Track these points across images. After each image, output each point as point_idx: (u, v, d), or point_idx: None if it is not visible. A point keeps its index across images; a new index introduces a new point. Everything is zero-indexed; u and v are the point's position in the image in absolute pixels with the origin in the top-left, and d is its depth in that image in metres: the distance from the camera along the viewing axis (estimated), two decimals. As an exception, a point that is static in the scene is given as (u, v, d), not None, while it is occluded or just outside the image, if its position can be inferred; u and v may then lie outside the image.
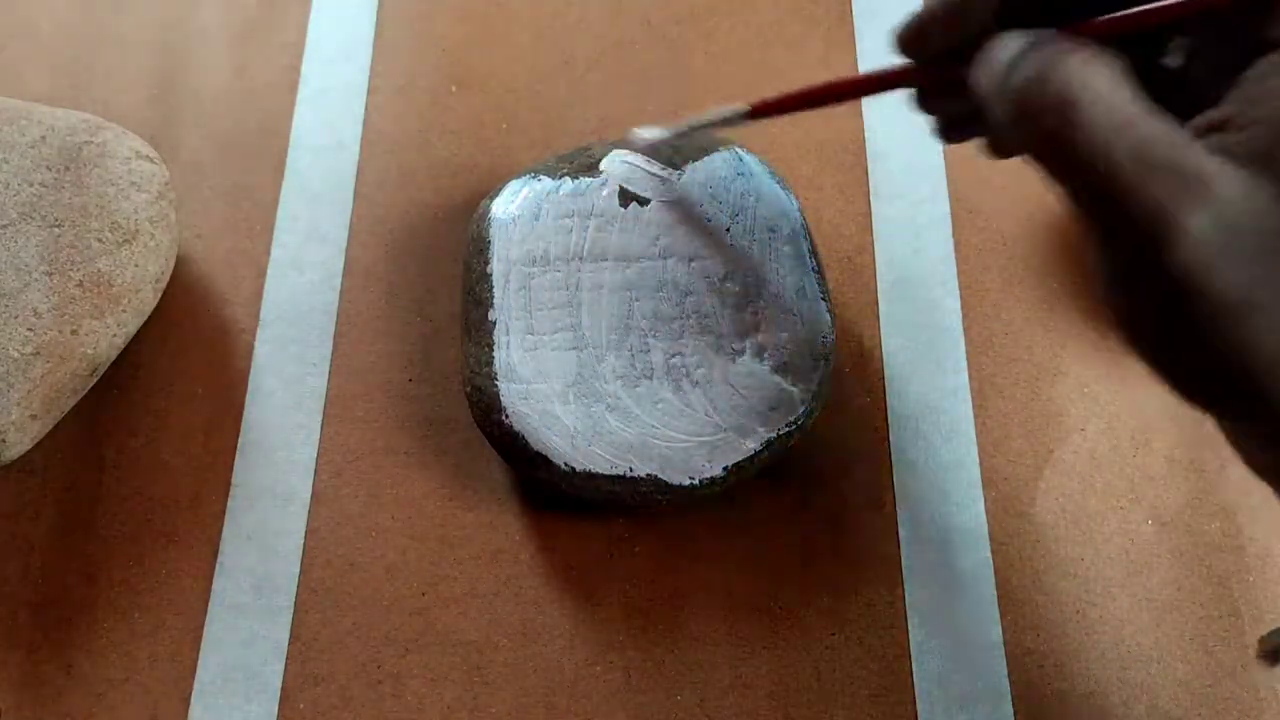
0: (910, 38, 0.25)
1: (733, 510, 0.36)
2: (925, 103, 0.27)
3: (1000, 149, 0.27)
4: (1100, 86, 0.20)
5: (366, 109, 0.42)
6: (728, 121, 0.31)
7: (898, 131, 0.41)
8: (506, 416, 0.33)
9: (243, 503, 0.36)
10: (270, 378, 0.38)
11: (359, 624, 0.35)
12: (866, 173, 0.41)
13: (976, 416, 0.37)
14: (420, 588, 0.35)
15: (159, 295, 0.37)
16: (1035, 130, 0.21)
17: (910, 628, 0.35)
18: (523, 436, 0.33)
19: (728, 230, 0.35)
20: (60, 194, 0.34)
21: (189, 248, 0.40)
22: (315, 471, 0.37)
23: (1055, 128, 0.20)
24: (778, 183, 0.36)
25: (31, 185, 0.34)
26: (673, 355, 0.33)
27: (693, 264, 0.34)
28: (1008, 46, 0.22)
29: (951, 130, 0.28)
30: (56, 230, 0.34)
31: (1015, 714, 0.34)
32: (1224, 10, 0.22)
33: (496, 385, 0.34)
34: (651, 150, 0.35)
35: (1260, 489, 0.36)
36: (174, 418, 0.37)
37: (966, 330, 0.38)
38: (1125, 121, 0.20)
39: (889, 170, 0.41)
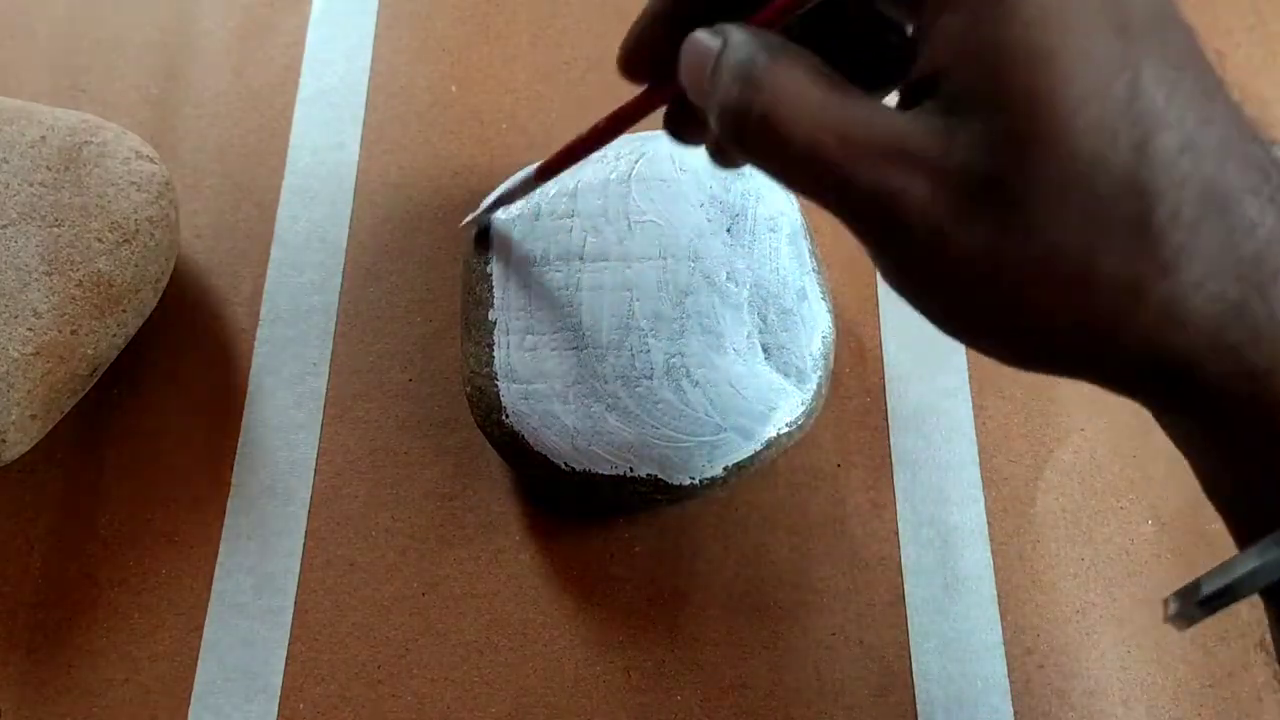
0: (629, 59, 0.25)
1: (733, 510, 0.36)
2: (678, 131, 0.26)
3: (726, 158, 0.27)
4: (794, 92, 0.20)
5: (366, 109, 0.42)
6: (526, 186, 0.32)
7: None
8: (506, 416, 0.33)
9: (243, 503, 0.36)
10: (270, 378, 0.38)
11: (359, 624, 0.35)
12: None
13: (976, 416, 0.37)
14: (420, 588, 0.35)
15: (159, 295, 0.37)
16: (757, 156, 0.21)
17: (910, 628, 0.35)
18: (523, 436, 0.33)
19: (728, 230, 0.35)
20: (60, 194, 0.34)
21: (189, 248, 0.40)
22: (315, 471, 0.37)
23: (766, 146, 0.21)
24: (777, 183, 0.36)
25: (31, 185, 0.34)
26: (673, 355, 0.33)
27: (693, 264, 0.34)
28: (699, 48, 0.22)
29: (721, 156, 0.27)
30: (56, 230, 0.34)
31: (1015, 714, 0.34)
32: None
33: (496, 385, 0.34)
34: (477, 224, 0.36)
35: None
36: (174, 418, 0.37)
37: (966, 330, 0.38)
38: (826, 118, 0.20)
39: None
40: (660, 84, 0.25)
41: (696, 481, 0.33)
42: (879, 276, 0.39)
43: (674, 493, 0.33)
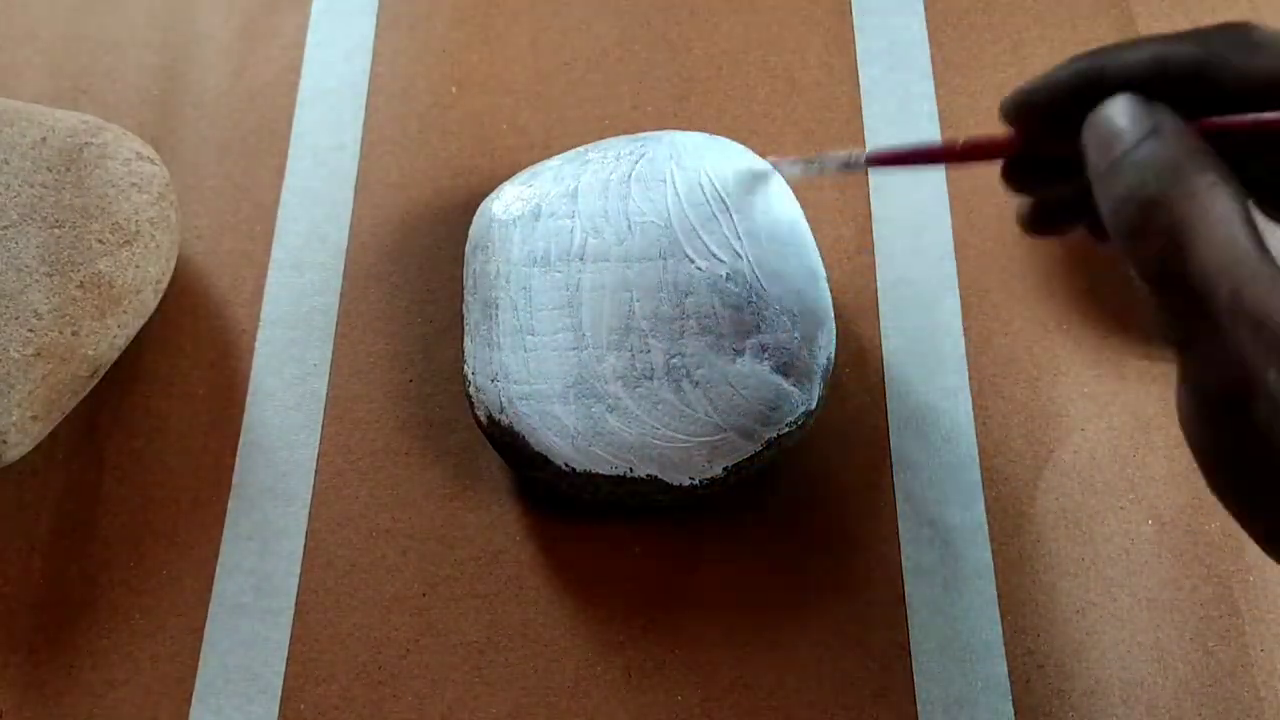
0: (1027, 101, 0.24)
1: (733, 510, 0.36)
2: (1019, 181, 0.26)
3: (1102, 237, 0.26)
4: (1219, 216, 0.19)
5: (367, 110, 0.42)
6: (849, 166, 0.31)
7: (898, 132, 0.41)
8: (506, 416, 0.33)
9: (243, 503, 0.36)
10: (271, 378, 0.38)
11: (360, 624, 0.35)
12: (866, 173, 0.41)
13: (976, 416, 0.37)
14: (421, 588, 0.35)
15: (159, 296, 0.37)
16: (1143, 246, 0.20)
17: (910, 628, 0.35)
18: (523, 437, 0.33)
19: (727, 231, 0.35)
20: (61, 195, 0.34)
21: (189, 249, 0.40)
22: (316, 472, 0.37)
23: (1166, 251, 0.19)
24: (778, 183, 0.36)
25: (32, 186, 0.34)
26: (673, 355, 0.33)
27: (693, 264, 0.34)
28: (1124, 118, 0.21)
29: (1041, 218, 0.27)
30: (57, 231, 0.34)
31: (1015, 714, 0.34)
32: None
33: (496, 385, 0.34)
34: (792, 177, 0.35)
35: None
36: (174, 418, 0.37)
37: (966, 330, 0.38)
38: (1233, 260, 0.19)
39: (889, 170, 0.41)
40: (1035, 136, 0.25)
41: (696, 482, 0.33)
42: (879, 277, 0.39)
43: (674, 493, 0.33)
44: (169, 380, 0.38)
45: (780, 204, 0.35)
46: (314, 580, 0.35)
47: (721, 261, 0.34)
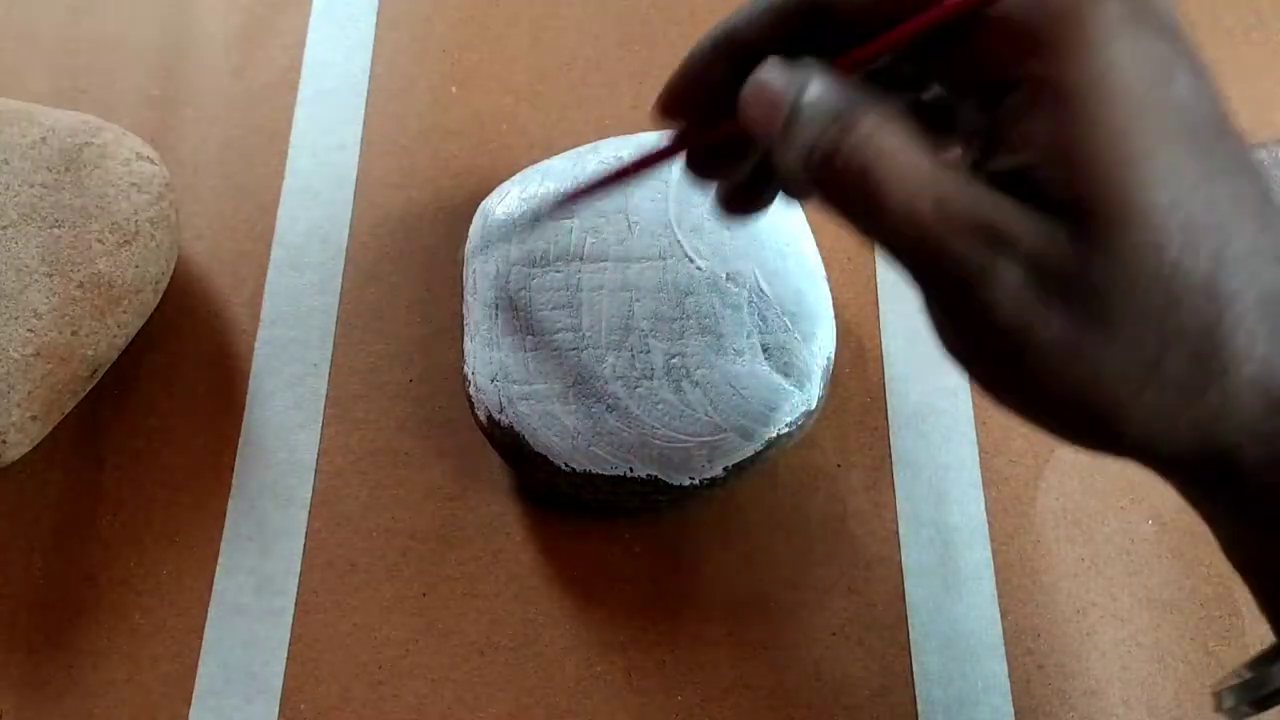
0: (678, 94, 0.24)
1: (733, 510, 0.36)
2: (704, 170, 0.26)
3: (799, 195, 0.27)
4: (894, 148, 0.20)
5: (367, 110, 0.42)
6: (538, 219, 0.32)
7: (897, 132, 0.41)
8: (506, 416, 0.33)
9: (243, 503, 0.36)
10: (270, 378, 0.38)
11: (360, 625, 0.35)
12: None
13: (976, 416, 0.37)
14: (420, 588, 0.35)
15: (159, 296, 0.37)
16: (839, 200, 0.21)
17: (910, 628, 0.35)
18: (523, 436, 0.33)
19: (727, 230, 0.35)
20: (60, 195, 0.34)
21: (189, 248, 0.40)
22: (316, 472, 0.37)
23: (859, 197, 0.20)
24: (778, 183, 0.36)
25: (32, 186, 0.34)
26: (673, 356, 0.33)
27: (693, 264, 0.34)
28: (776, 83, 0.21)
29: (741, 196, 0.27)
30: (57, 231, 0.34)
31: (1015, 714, 0.34)
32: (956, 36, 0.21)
33: (496, 385, 0.34)
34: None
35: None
36: (174, 418, 0.37)
37: (966, 330, 0.38)
38: (924, 181, 0.20)
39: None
40: (701, 124, 0.24)
41: (696, 482, 0.33)
42: (879, 277, 0.39)
43: (674, 493, 0.33)
44: (169, 380, 0.38)
45: (779, 203, 0.35)
46: (314, 580, 0.35)
47: (721, 261, 0.34)
